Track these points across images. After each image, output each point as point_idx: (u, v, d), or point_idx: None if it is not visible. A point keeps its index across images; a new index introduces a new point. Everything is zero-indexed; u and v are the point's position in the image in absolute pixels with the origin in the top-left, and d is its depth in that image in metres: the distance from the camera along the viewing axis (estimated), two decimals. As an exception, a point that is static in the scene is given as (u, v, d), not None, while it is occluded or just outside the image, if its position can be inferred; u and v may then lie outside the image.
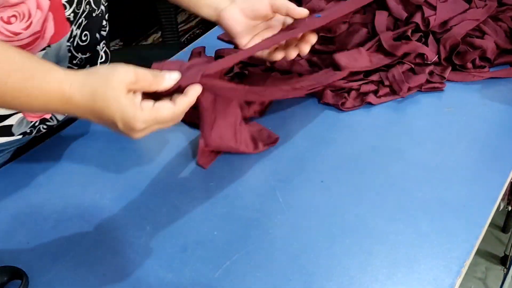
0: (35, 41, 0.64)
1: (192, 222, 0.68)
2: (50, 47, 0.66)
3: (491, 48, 0.91)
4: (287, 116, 0.85)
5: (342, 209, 0.69)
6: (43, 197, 0.72)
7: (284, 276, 0.62)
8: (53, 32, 0.66)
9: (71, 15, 0.67)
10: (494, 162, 0.75)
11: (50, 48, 0.66)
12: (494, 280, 1.59)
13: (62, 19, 0.66)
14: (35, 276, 0.62)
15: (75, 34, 0.70)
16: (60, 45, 0.68)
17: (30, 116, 0.72)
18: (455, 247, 0.64)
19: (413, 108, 0.86)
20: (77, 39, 0.71)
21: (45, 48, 0.66)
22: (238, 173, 0.75)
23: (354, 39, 0.95)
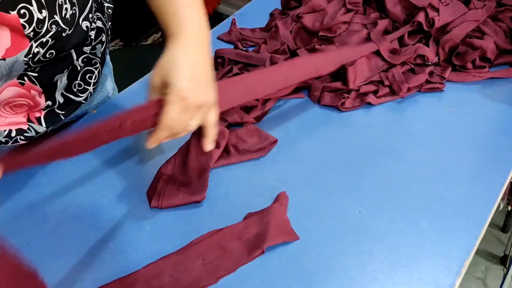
0: None
1: (192, 222, 0.68)
2: (5, 60, 0.63)
3: (491, 49, 0.91)
4: (287, 116, 0.85)
5: (342, 209, 0.69)
6: (43, 197, 0.72)
7: (284, 276, 0.62)
8: (9, 45, 0.62)
9: (31, 33, 0.63)
10: (494, 162, 0.76)
11: (4, 62, 0.63)
12: (494, 280, 1.59)
13: (20, 35, 0.62)
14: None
15: (36, 51, 0.66)
16: (16, 59, 0.64)
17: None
18: (455, 247, 0.64)
19: (413, 108, 0.86)
20: (39, 56, 0.67)
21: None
22: (238, 173, 0.75)
23: (354, 39, 0.95)
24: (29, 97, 0.71)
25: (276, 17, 1.07)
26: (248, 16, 1.10)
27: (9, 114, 0.71)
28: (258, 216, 0.68)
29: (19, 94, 0.69)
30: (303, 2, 1.05)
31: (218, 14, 2.32)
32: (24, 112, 0.73)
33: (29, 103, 0.71)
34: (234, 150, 0.76)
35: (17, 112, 0.71)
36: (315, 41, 0.97)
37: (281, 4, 1.12)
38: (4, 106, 0.69)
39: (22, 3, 0.60)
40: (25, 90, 0.70)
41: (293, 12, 1.04)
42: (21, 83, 0.69)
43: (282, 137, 0.80)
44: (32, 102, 0.72)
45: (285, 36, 0.98)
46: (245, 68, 0.91)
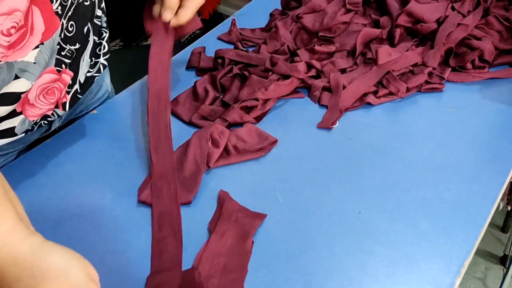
0: (24, 38, 0.62)
1: (192, 222, 0.68)
2: (44, 44, 0.65)
3: (489, 50, 0.91)
4: (287, 116, 0.85)
5: (342, 209, 0.69)
6: (43, 197, 0.72)
7: (284, 276, 0.62)
8: (44, 29, 0.64)
9: (59, 8, 0.65)
10: (494, 162, 0.76)
11: (44, 46, 0.65)
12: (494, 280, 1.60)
13: (51, 14, 0.64)
14: None
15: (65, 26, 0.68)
16: (53, 41, 0.66)
17: (31, 116, 0.72)
18: (455, 247, 0.64)
19: (413, 108, 0.86)
20: (65, 30, 0.69)
21: (38, 46, 0.64)
22: (238, 173, 0.75)
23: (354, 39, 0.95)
24: (61, 81, 0.72)
25: (276, 17, 1.07)
26: (248, 16, 1.10)
27: (43, 105, 0.71)
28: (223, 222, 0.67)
29: (53, 79, 0.70)
30: (303, 3, 1.05)
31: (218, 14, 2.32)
32: (54, 102, 0.73)
33: (59, 86, 0.72)
34: (233, 150, 0.77)
35: (49, 102, 0.72)
36: (315, 41, 0.97)
37: (281, 4, 1.12)
38: (39, 96, 0.69)
39: None
40: (59, 75, 0.71)
41: (293, 12, 1.04)
42: (58, 70, 0.70)
43: (282, 137, 0.80)
44: (63, 85, 0.72)
45: (285, 36, 0.99)
46: (245, 68, 0.91)
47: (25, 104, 0.68)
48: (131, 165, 0.77)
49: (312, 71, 0.90)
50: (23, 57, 0.63)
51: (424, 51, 0.92)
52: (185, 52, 1.00)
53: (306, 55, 0.93)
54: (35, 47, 0.64)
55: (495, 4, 1.01)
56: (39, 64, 0.66)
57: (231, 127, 0.81)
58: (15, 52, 0.62)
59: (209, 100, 0.86)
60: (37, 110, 0.71)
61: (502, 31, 0.97)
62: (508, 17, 0.98)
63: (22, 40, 0.62)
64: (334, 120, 0.82)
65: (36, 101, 0.70)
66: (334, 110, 0.84)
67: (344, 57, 0.94)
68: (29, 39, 0.63)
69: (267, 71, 0.89)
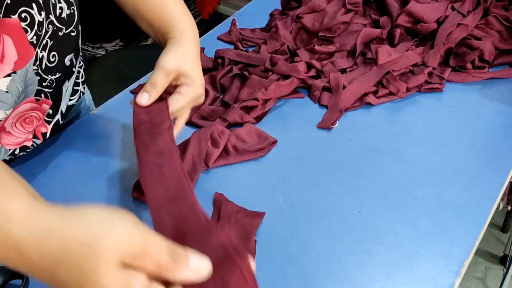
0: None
1: (192, 222, 0.68)
2: (16, 73, 0.64)
3: (489, 50, 0.91)
4: (287, 116, 0.85)
5: (342, 209, 0.69)
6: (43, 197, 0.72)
7: (284, 276, 0.62)
8: (17, 58, 0.63)
9: (34, 38, 0.63)
10: (494, 162, 0.76)
11: (16, 74, 0.64)
12: (494, 280, 1.60)
13: (25, 44, 0.63)
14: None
15: (41, 56, 0.66)
16: (26, 70, 0.65)
17: (7, 145, 0.71)
18: (455, 247, 0.64)
19: (413, 108, 0.86)
20: (45, 61, 0.68)
21: (10, 75, 0.63)
22: (238, 173, 0.75)
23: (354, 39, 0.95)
24: (40, 110, 0.72)
25: (276, 17, 1.07)
26: (248, 16, 1.10)
27: (20, 133, 0.71)
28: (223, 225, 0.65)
29: (32, 108, 0.70)
30: (303, 3, 1.06)
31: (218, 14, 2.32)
32: (32, 129, 0.73)
33: (38, 115, 0.72)
34: (233, 150, 0.77)
35: (27, 130, 0.72)
36: (315, 41, 0.97)
37: (281, 4, 1.12)
38: (15, 123, 0.69)
39: (23, 6, 0.60)
40: (38, 105, 0.71)
41: (293, 12, 1.04)
42: (37, 100, 0.70)
43: (282, 137, 0.80)
44: (41, 114, 0.72)
45: (285, 36, 0.99)
46: (245, 68, 0.91)
47: (1, 132, 0.68)
48: (131, 165, 0.77)
49: (312, 71, 0.90)
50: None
51: (424, 51, 0.92)
52: (185, 52, 1.00)
53: (306, 55, 0.93)
54: (6, 75, 0.63)
55: (495, 4, 1.01)
56: (12, 93, 0.65)
57: (231, 127, 0.81)
58: None
59: (209, 100, 0.86)
60: (14, 139, 0.70)
61: (502, 31, 0.97)
62: (508, 17, 0.98)
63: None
64: (334, 120, 0.82)
65: (13, 129, 0.69)
66: (334, 110, 0.84)
67: (344, 57, 0.94)
68: (1, 67, 0.62)
69: (267, 71, 0.89)
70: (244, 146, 0.77)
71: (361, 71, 0.90)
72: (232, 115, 0.81)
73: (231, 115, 0.81)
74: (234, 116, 0.81)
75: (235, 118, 0.81)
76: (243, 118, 0.81)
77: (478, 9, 0.99)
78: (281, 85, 0.85)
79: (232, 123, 0.81)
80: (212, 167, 0.75)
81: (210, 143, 0.75)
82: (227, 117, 0.81)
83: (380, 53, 0.90)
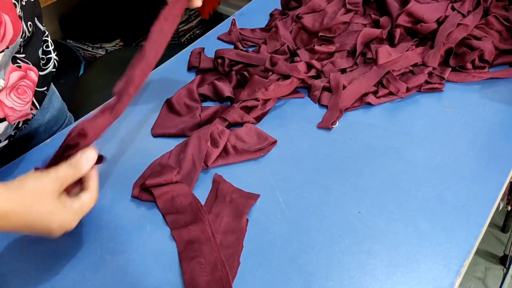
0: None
1: (192, 222, 0.68)
2: (8, 48, 0.66)
3: (489, 50, 0.91)
4: (287, 116, 0.85)
5: (342, 209, 0.69)
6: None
7: (284, 276, 0.62)
8: (12, 34, 0.65)
9: (20, 11, 0.66)
10: (494, 162, 0.76)
11: (8, 49, 0.66)
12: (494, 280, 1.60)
13: (16, 19, 0.65)
14: (35, 275, 0.62)
15: (24, 28, 0.69)
16: (16, 43, 0.67)
17: (12, 120, 0.72)
18: (455, 247, 0.64)
19: (413, 108, 0.86)
20: (26, 32, 0.70)
21: (3, 51, 0.65)
22: (238, 173, 0.75)
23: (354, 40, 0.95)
24: (28, 78, 0.72)
25: (276, 17, 1.07)
26: (248, 16, 1.10)
27: (20, 105, 0.72)
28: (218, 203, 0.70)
29: (20, 77, 0.71)
30: (303, 2, 1.06)
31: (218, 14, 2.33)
32: (30, 100, 0.74)
33: (27, 84, 0.72)
34: (233, 150, 0.77)
35: (25, 101, 0.73)
36: (315, 41, 0.97)
37: (281, 4, 1.12)
38: (10, 95, 0.70)
39: None
40: (23, 72, 0.71)
41: (293, 12, 1.04)
42: (18, 66, 0.71)
43: (282, 137, 0.80)
44: (31, 82, 0.73)
45: (285, 36, 0.99)
46: (245, 69, 0.91)
47: (3, 108, 0.69)
48: (131, 165, 0.77)
49: (312, 71, 0.90)
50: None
51: (424, 51, 0.92)
52: (185, 52, 1.00)
53: (306, 55, 0.94)
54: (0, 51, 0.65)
55: (495, 4, 1.01)
56: (1, 65, 0.66)
57: (231, 127, 0.81)
58: None
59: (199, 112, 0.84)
60: (18, 113, 0.72)
61: (502, 31, 0.97)
62: (508, 17, 0.98)
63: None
64: (334, 120, 0.82)
65: (14, 104, 0.71)
66: (334, 110, 0.84)
67: (344, 57, 0.94)
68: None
69: (267, 71, 0.89)
70: (244, 146, 0.77)
71: (361, 71, 0.90)
72: (233, 115, 0.81)
73: (232, 115, 0.81)
74: (234, 116, 0.81)
75: (235, 118, 0.81)
76: (243, 118, 0.81)
77: (478, 9, 0.99)
78: (281, 85, 0.85)
79: (232, 123, 0.81)
80: (212, 167, 0.75)
81: (210, 143, 0.76)
82: (227, 117, 0.81)
83: (380, 53, 0.90)
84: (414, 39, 0.96)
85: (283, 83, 0.86)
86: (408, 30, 0.98)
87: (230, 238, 0.65)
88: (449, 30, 0.93)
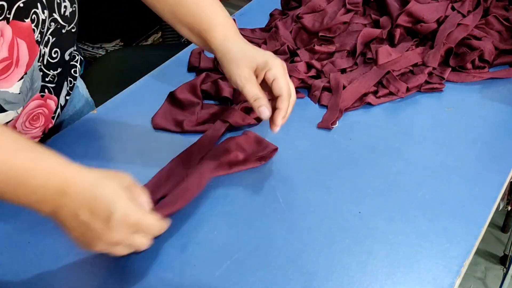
0: (8, 69, 0.62)
1: (192, 222, 0.68)
2: (26, 74, 0.65)
3: (489, 50, 0.91)
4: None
5: (342, 209, 0.69)
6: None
7: (284, 276, 0.62)
8: (28, 59, 0.64)
9: (38, 36, 0.65)
10: (494, 162, 0.76)
11: (27, 75, 0.65)
12: (494, 280, 1.59)
13: (33, 44, 0.64)
14: (35, 275, 0.62)
15: (43, 52, 0.68)
16: (33, 68, 0.66)
17: None
18: (455, 247, 0.64)
19: (413, 108, 0.86)
20: (47, 57, 0.69)
21: (23, 77, 0.65)
22: (238, 173, 0.75)
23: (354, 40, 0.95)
24: (46, 106, 0.73)
25: (276, 17, 1.07)
26: (248, 16, 1.10)
27: (28, 130, 0.72)
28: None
29: (38, 105, 0.71)
30: (303, 2, 1.05)
31: (218, 14, 2.32)
32: (41, 127, 0.74)
33: (44, 111, 0.73)
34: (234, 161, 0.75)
35: (34, 127, 0.73)
36: (315, 41, 0.97)
37: (281, 4, 1.12)
38: (25, 122, 0.71)
39: (33, 8, 0.61)
40: (43, 101, 0.72)
41: (293, 12, 1.04)
42: (42, 95, 0.71)
43: (282, 137, 0.80)
44: (47, 111, 0.74)
45: (285, 36, 0.99)
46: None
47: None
48: (131, 165, 0.77)
49: (312, 71, 0.90)
50: (8, 88, 0.64)
51: (424, 51, 0.92)
52: (185, 52, 1.00)
53: (306, 55, 0.93)
54: (19, 79, 0.64)
55: (495, 4, 1.01)
56: (23, 92, 0.66)
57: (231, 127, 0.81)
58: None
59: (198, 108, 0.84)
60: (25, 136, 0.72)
61: (502, 31, 0.97)
62: (508, 17, 0.98)
63: (6, 71, 0.62)
64: (334, 120, 0.82)
65: (23, 128, 0.71)
66: (334, 110, 0.84)
67: (344, 57, 0.94)
68: (14, 70, 0.63)
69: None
70: (245, 155, 0.76)
71: (361, 71, 0.90)
72: (234, 117, 0.81)
73: (233, 117, 0.81)
74: (235, 118, 0.81)
75: (237, 120, 0.81)
76: (244, 120, 0.81)
77: (478, 9, 0.99)
78: None
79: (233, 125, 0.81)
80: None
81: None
82: (229, 119, 0.80)
83: (380, 53, 0.90)
84: (414, 39, 0.96)
85: None
86: (408, 30, 0.98)
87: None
88: (449, 30, 0.93)
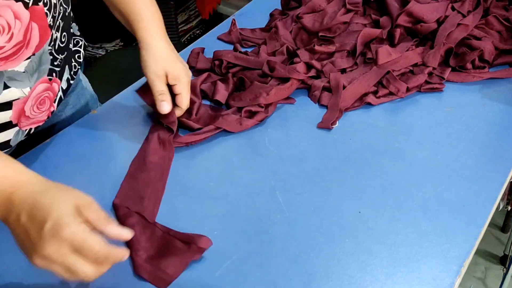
0: (19, 51, 0.64)
1: (192, 222, 0.68)
2: (34, 55, 0.67)
3: (489, 50, 0.91)
4: (287, 116, 0.85)
5: (342, 209, 0.69)
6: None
7: (284, 276, 0.62)
8: (38, 42, 0.66)
9: (51, 20, 0.67)
10: (494, 162, 0.76)
11: (34, 56, 0.67)
12: (494, 280, 1.60)
13: (45, 27, 0.66)
14: (35, 275, 0.62)
15: (55, 37, 0.70)
16: (42, 50, 0.68)
17: (24, 127, 0.73)
18: (455, 247, 0.64)
19: (413, 108, 0.86)
20: (58, 41, 0.71)
21: (30, 57, 0.66)
22: (238, 173, 0.75)
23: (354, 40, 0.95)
24: (51, 90, 0.74)
25: (276, 17, 1.07)
26: (248, 16, 1.10)
27: (35, 115, 0.73)
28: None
29: (45, 89, 0.72)
30: (303, 3, 1.06)
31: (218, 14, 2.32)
32: (46, 111, 0.75)
33: (49, 95, 0.74)
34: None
35: (41, 111, 0.73)
36: (315, 41, 0.97)
37: (281, 5, 1.12)
38: (33, 107, 0.71)
39: None
40: (49, 84, 0.73)
41: (293, 12, 1.04)
42: (49, 79, 0.72)
43: (281, 137, 0.80)
44: (52, 94, 0.74)
45: (285, 36, 0.99)
46: (241, 72, 0.90)
47: (21, 116, 0.70)
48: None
49: (312, 71, 0.90)
50: (14, 67, 0.65)
51: (424, 51, 0.92)
52: (185, 52, 1.00)
53: (306, 55, 0.93)
54: (26, 59, 0.66)
55: (495, 4, 1.01)
56: (28, 72, 0.67)
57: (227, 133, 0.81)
58: (7, 63, 0.64)
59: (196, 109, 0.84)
60: (30, 121, 0.72)
61: (502, 31, 0.97)
62: (508, 17, 0.98)
63: (17, 53, 0.64)
64: (334, 120, 0.82)
65: (31, 113, 0.71)
66: (334, 110, 0.84)
67: (344, 57, 0.94)
68: (24, 52, 0.65)
69: (265, 76, 0.89)
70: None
71: (361, 71, 0.90)
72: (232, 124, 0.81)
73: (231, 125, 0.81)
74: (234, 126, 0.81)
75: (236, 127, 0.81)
76: (242, 123, 0.81)
77: (478, 9, 0.99)
78: (282, 89, 0.85)
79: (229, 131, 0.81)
80: (212, 168, 0.75)
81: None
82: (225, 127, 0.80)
83: (380, 53, 0.90)
84: (414, 39, 0.96)
85: (283, 87, 0.85)
86: (408, 30, 0.98)
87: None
88: (449, 30, 0.93)
